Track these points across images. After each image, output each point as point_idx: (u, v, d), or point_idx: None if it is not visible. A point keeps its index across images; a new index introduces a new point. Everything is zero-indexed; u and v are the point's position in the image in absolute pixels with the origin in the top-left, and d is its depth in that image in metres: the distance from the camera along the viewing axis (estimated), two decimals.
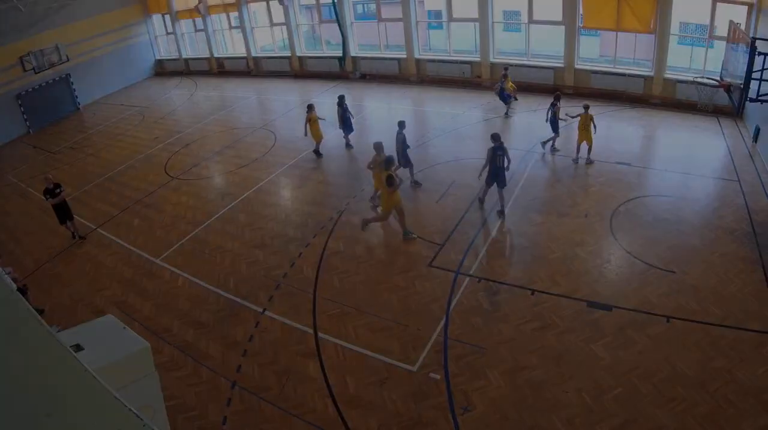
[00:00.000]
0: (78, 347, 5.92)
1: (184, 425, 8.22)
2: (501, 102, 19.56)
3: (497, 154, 12.61)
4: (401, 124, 14.62)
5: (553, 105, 15.71)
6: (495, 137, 12.83)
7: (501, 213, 13.08)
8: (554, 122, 15.82)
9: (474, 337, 9.47)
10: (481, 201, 13.56)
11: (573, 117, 15.34)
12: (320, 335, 9.77)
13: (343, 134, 18.21)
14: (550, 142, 16.19)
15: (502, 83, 19.24)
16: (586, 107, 14.91)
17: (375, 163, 13.45)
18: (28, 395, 2.13)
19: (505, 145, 12.74)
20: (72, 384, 2.35)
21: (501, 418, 7.95)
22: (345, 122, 17.99)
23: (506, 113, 19.62)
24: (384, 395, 8.45)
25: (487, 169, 12.91)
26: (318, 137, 17.53)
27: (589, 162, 15.25)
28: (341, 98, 17.83)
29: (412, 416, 8.07)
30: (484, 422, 7.90)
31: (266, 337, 9.84)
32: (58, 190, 13.70)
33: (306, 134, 17.40)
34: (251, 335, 9.93)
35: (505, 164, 12.75)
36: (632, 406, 7.97)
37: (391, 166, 12.62)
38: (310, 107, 17.49)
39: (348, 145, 18.46)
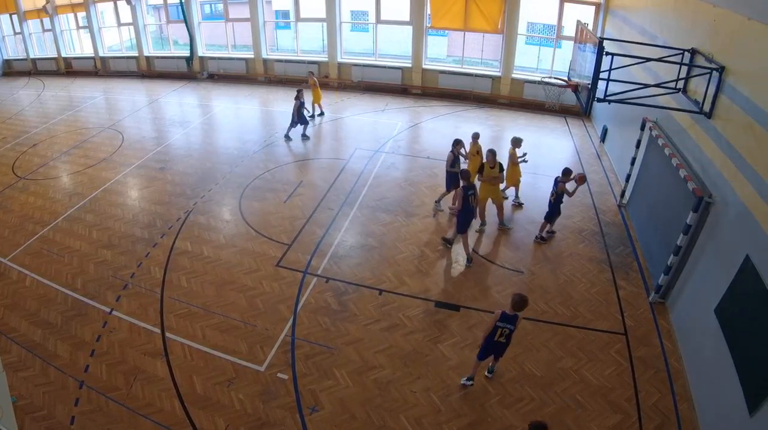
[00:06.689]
0: None
1: (32, 425, 7.87)
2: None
3: (468, 194, 10.84)
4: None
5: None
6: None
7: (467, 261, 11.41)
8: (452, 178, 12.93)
9: (322, 337, 9.35)
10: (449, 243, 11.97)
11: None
12: (168, 335, 9.50)
13: (301, 126, 18.52)
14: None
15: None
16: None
17: None
18: None
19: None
20: None
21: (349, 418, 7.84)
22: (300, 115, 18.13)
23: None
24: (231, 395, 8.26)
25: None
26: None
27: None
28: (299, 92, 18.19)
29: (260, 416, 7.89)
30: (332, 422, 7.78)
31: (114, 337, 9.52)
32: None
33: None
34: (99, 335, 9.59)
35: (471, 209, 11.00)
36: (480, 406, 7.99)
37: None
38: None
39: (303, 136, 18.56)
